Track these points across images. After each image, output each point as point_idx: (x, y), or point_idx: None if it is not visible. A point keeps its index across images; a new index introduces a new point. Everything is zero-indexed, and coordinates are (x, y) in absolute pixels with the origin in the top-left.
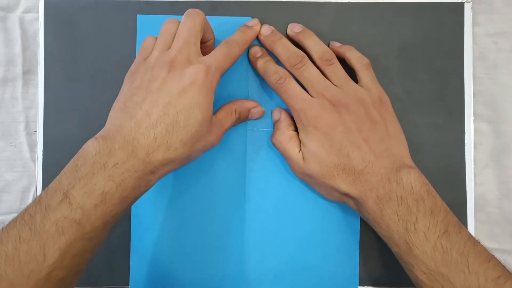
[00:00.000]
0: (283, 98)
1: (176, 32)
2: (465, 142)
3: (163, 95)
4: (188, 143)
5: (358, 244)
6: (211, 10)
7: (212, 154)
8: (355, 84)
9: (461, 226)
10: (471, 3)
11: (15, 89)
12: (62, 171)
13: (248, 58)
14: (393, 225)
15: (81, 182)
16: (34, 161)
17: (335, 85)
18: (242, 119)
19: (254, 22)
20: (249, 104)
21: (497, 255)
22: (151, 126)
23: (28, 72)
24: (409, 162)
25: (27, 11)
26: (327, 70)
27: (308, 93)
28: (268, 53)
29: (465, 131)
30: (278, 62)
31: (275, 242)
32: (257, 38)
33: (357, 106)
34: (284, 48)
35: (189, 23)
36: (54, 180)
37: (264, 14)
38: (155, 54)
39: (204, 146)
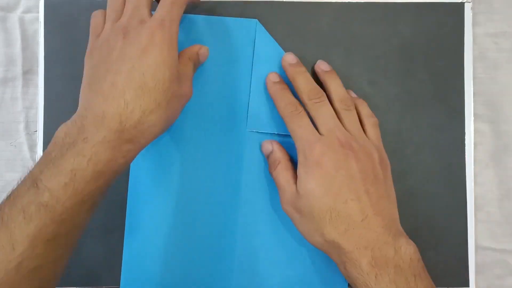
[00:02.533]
0: (293, 128)
1: None
2: (465, 142)
3: (124, 62)
4: (162, 103)
5: None
6: (211, 10)
7: (210, 155)
8: (366, 137)
9: None
10: (471, 3)
11: (15, 89)
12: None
13: (265, 83)
14: None
15: (49, 165)
16: (34, 161)
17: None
18: (196, 65)
19: None
20: (195, 48)
21: (497, 255)
22: (119, 95)
23: (28, 72)
24: (403, 231)
25: (27, 11)
26: (343, 114)
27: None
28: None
29: (465, 131)
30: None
31: (272, 242)
32: (282, 64)
33: (365, 157)
34: (306, 81)
35: None
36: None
37: (264, 14)
38: (107, 27)
39: (179, 102)
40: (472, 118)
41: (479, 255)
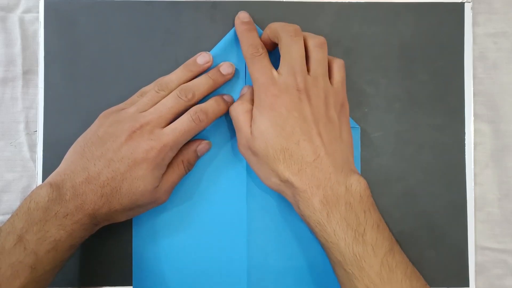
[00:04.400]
0: (251, 70)
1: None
2: (465, 142)
3: (115, 160)
4: (127, 207)
5: None
6: (211, 10)
7: (212, 152)
8: (328, 81)
9: (400, 247)
10: (471, 3)
11: (15, 89)
12: (14, 213)
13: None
14: (340, 232)
15: (34, 227)
16: (34, 161)
17: (309, 70)
18: (193, 163)
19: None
20: (193, 145)
21: (497, 255)
22: (99, 185)
23: (28, 72)
24: (356, 170)
25: (27, 11)
26: (316, 51)
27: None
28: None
29: (465, 131)
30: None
31: (277, 239)
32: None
33: (320, 101)
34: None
35: (173, 103)
36: (7, 221)
37: (264, 14)
38: (130, 111)
39: (147, 208)
40: (472, 118)
41: (479, 255)
